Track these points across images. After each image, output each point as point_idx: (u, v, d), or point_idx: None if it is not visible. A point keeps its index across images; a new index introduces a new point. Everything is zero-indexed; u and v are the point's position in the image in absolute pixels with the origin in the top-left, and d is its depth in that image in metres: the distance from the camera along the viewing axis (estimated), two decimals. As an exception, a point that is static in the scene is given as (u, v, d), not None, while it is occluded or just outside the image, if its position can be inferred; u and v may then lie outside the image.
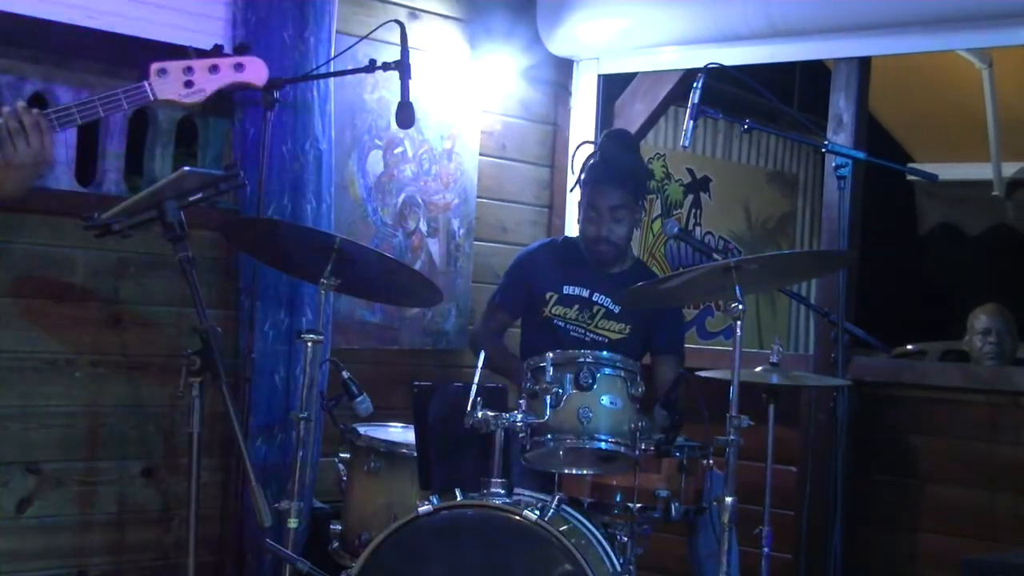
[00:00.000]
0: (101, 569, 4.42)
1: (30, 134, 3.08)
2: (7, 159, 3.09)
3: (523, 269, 4.91)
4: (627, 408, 3.90)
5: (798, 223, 10.00)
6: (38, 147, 3.10)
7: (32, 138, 3.09)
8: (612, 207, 4.67)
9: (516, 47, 5.73)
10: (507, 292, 4.92)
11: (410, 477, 3.99)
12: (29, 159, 3.09)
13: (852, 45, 5.16)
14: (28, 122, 3.08)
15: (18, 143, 3.08)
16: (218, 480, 4.68)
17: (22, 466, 4.24)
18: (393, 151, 5.28)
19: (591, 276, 4.79)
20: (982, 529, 4.88)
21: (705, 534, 4.33)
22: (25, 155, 3.09)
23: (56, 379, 4.31)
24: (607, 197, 4.67)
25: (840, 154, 4.58)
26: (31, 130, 3.08)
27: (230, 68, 3.33)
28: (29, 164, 3.10)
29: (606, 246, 4.72)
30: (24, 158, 3.09)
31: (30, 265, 4.23)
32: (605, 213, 4.68)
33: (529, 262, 4.92)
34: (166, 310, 4.52)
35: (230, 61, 3.33)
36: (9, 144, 3.08)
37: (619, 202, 4.67)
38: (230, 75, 3.32)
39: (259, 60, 3.37)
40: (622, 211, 4.68)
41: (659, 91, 5.91)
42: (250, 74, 3.36)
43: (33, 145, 3.09)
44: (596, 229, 4.70)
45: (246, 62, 3.35)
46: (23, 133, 3.08)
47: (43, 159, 3.14)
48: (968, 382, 5.03)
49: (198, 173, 3.44)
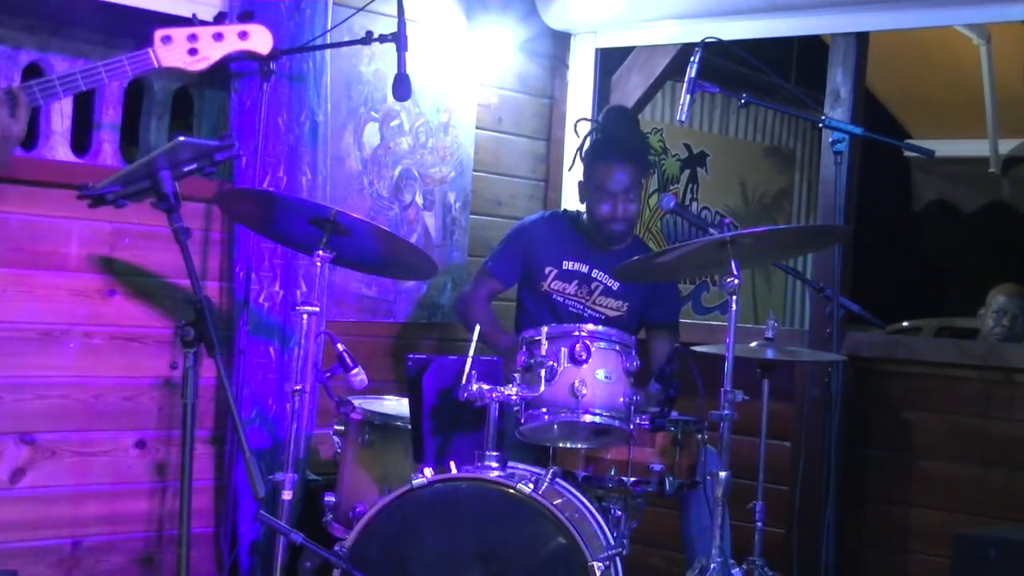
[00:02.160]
0: (94, 540, 4.43)
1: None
2: None
3: (522, 240, 4.91)
4: (622, 382, 3.90)
5: (794, 198, 9.99)
6: (7, 121, 3.05)
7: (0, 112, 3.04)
8: (625, 189, 4.68)
9: (513, 20, 5.71)
10: (501, 260, 4.91)
11: (404, 450, 3.99)
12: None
13: (850, 20, 5.14)
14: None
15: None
16: (212, 452, 4.69)
17: (16, 437, 4.24)
18: (389, 124, 5.27)
19: (590, 252, 4.79)
20: (974, 505, 4.89)
21: (698, 508, 4.34)
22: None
23: (50, 350, 4.30)
24: (619, 180, 4.68)
25: (837, 129, 4.58)
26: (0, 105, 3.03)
27: (235, 36, 3.31)
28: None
29: (622, 225, 4.73)
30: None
31: (24, 235, 4.22)
32: (619, 195, 4.68)
33: (529, 234, 4.91)
34: (160, 281, 4.51)
35: (235, 29, 3.32)
36: None
37: (630, 183, 4.68)
38: (235, 43, 3.31)
39: (264, 28, 3.36)
40: (634, 191, 4.70)
41: (656, 65, 5.89)
42: (255, 42, 3.35)
43: (1, 119, 3.04)
44: (612, 211, 4.70)
45: (251, 30, 3.33)
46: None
47: (11, 133, 3.08)
48: (962, 358, 5.03)
49: (193, 143, 3.43)
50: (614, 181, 4.68)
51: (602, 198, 4.72)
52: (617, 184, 4.68)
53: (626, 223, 4.74)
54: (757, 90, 6.68)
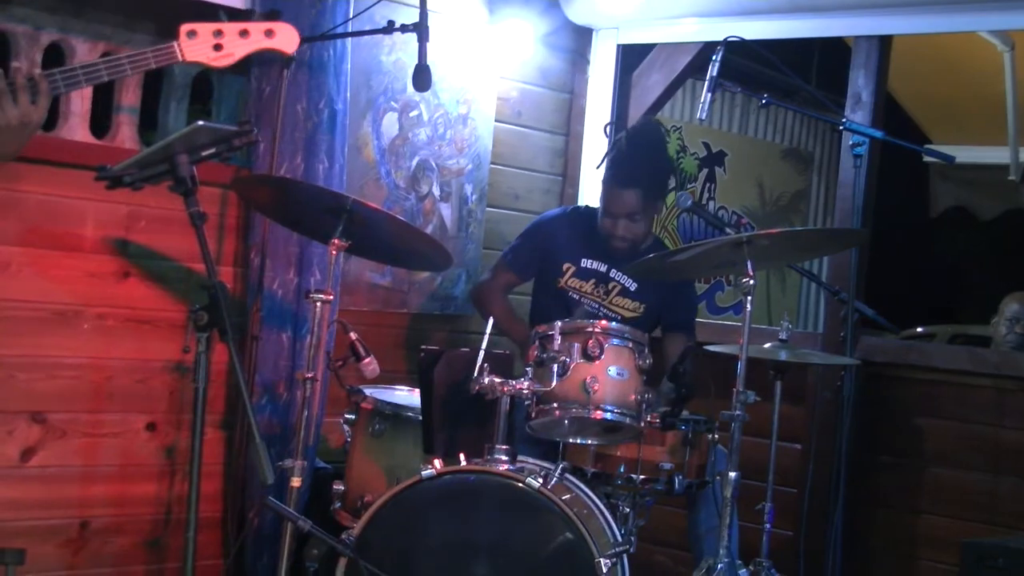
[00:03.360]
0: (102, 521, 4.43)
1: (18, 95, 3.02)
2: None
3: (541, 235, 4.90)
4: (634, 379, 3.89)
5: (811, 200, 9.98)
6: (27, 108, 3.03)
7: (20, 99, 3.03)
8: (629, 212, 4.66)
9: (535, 13, 5.70)
10: (520, 254, 4.91)
11: (414, 440, 3.99)
12: (16, 121, 3.03)
13: (874, 23, 5.13)
14: (20, 83, 3.01)
15: (4, 104, 3.01)
16: (222, 437, 4.69)
17: (27, 415, 4.24)
18: (408, 114, 5.26)
19: (610, 252, 4.77)
20: (984, 513, 4.88)
21: (706, 508, 4.34)
22: (11, 116, 3.01)
23: (63, 330, 4.31)
24: (623, 203, 4.65)
25: (858, 132, 4.56)
26: (20, 91, 3.02)
27: (261, 34, 3.30)
28: (16, 126, 3.03)
29: (620, 243, 4.72)
30: (9, 119, 3.01)
31: (41, 215, 4.22)
32: (622, 216, 4.67)
33: (548, 229, 4.91)
34: (175, 265, 4.51)
35: (261, 27, 3.31)
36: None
37: (635, 207, 4.65)
38: (260, 40, 3.30)
39: (290, 27, 3.35)
40: (639, 214, 4.67)
41: (677, 63, 5.88)
42: (280, 40, 3.34)
43: (21, 106, 3.03)
44: (613, 229, 4.69)
45: (277, 28, 3.32)
46: (10, 93, 3.01)
47: (30, 120, 3.05)
48: (975, 366, 5.01)
49: (211, 128, 3.42)
50: (620, 204, 4.67)
51: (606, 214, 4.72)
52: (622, 207, 4.67)
53: (628, 242, 4.72)
54: (777, 91, 6.68)
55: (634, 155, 4.70)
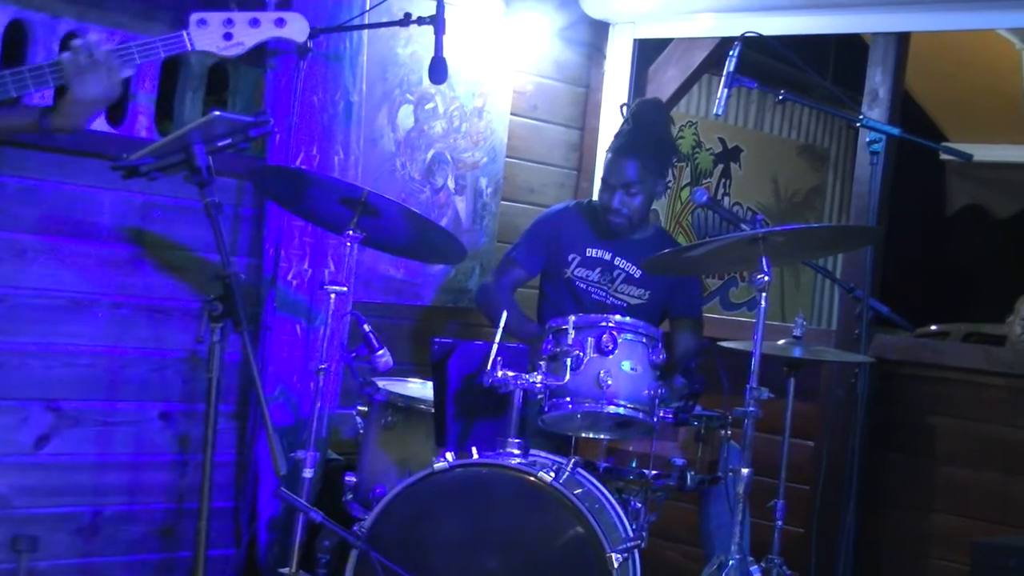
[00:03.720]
0: (115, 510, 4.45)
1: (100, 70, 3.11)
2: (74, 94, 3.13)
3: (547, 229, 4.90)
4: (647, 374, 3.89)
5: (827, 197, 9.95)
6: (106, 83, 3.13)
7: (101, 74, 3.12)
8: (625, 183, 4.66)
9: (551, 6, 5.69)
10: (527, 249, 4.91)
11: (426, 433, 3.99)
12: (97, 95, 3.13)
13: (891, 20, 5.11)
14: (99, 58, 3.11)
15: (88, 78, 3.11)
16: (234, 427, 4.70)
17: (41, 403, 4.26)
18: (424, 107, 5.26)
19: (613, 240, 4.77)
20: (996, 513, 4.87)
21: (718, 504, 4.33)
22: (96, 91, 3.12)
23: (78, 319, 4.32)
24: (622, 172, 4.66)
25: (875, 129, 4.55)
26: (102, 66, 3.11)
27: (271, 23, 3.31)
28: (99, 99, 3.15)
29: (616, 217, 4.71)
30: (91, 94, 3.12)
31: (56, 204, 4.23)
32: (618, 187, 4.67)
33: (554, 223, 4.91)
34: (190, 255, 4.52)
35: (271, 16, 3.32)
36: (77, 79, 3.11)
37: (634, 177, 4.65)
38: (270, 29, 3.31)
39: (301, 16, 3.35)
40: (636, 186, 4.66)
41: (694, 58, 5.87)
42: (291, 29, 3.34)
43: (102, 81, 3.12)
44: (609, 201, 4.70)
45: (288, 17, 3.33)
46: (95, 68, 3.11)
47: (111, 95, 3.17)
48: (989, 365, 5.00)
49: (228, 118, 3.43)
50: (617, 173, 4.67)
51: (604, 187, 4.74)
52: (619, 177, 4.67)
53: (624, 217, 4.71)
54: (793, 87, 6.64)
55: (636, 127, 4.71)
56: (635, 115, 4.77)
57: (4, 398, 4.17)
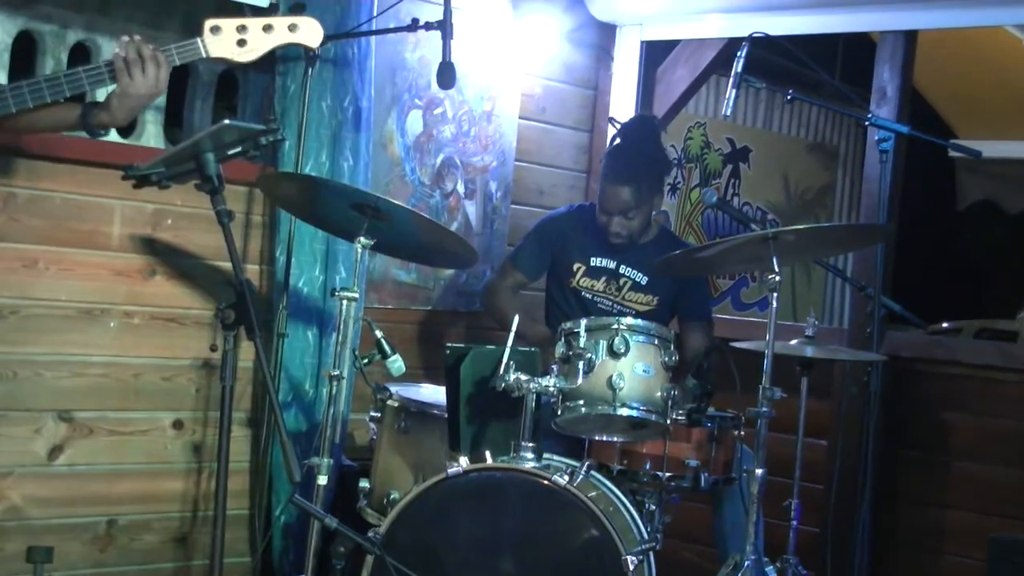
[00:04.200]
0: (130, 519, 4.45)
1: (148, 65, 3.20)
2: (124, 89, 3.21)
3: (548, 234, 4.90)
4: (659, 376, 3.88)
5: (837, 195, 9.94)
6: (154, 79, 3.22)
7: (149, 69, 3.20)
8: (622, 209, 4.66)
9: (559, 9, 5.69)
10: (527, 254, 4.91)
11: (440, 438, 3.99)
12: (145, 90, 3.22)
13: (899, 17, 5.10)
14: (147, 54, 3.19)
15: (135, 73, 3.20)
16: (248, 434, 4.70)
17: (54, 413, 4.26)
18: (433, 111, 5.26)
19: (618, 248, 4.77)
20: (1011, 508, 4.85)
21: (732, 505, 4.33)
22: (141, 86, 3.21)
23: (90, 328, 4.32)
24: (617, 200, 4.66)
25: (884, 127, 4.54)
26: (149, 61, 3.20)
27: (284, 28, 3.32)
28: (145, 95, 3.24)
29: (617, 239, 4.72)
30: (140, 88, 3.21)
31: (67, 214, 4.24)
32: (615, 213, 4.67)
33: (555, 228, 4.90)
34: (201, 263, 4.53)
35: (285, 21, 3.33)
36: (126, 74, 3.20)
37: (630, 203, 4.65)
38: (284, 35, 3.32)
39: (314, 21, 3.36)
40: (633, 211, 4.66)
41: (702, 59, 5.87)
42: (304, 35, 3.35)
43: (149, 76, 3.20)
44: (606, 223, 4.70)
45: (301, 23, 3.34)
46: (141, 64, 3.20)
47: (157, 91, 3.27)
48: (1003, 360, 4.99)
49: (238, 126, 3.43)
50: (613, 200, 4.68)
51: (601, 210, 4.74)
52: (615, 204, 4.67)
53: (623, 238, 4.72)
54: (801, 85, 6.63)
55: (627, 151, 4.71)
56: (624, 136, 4.76)
57: (17, 409, 4.18)
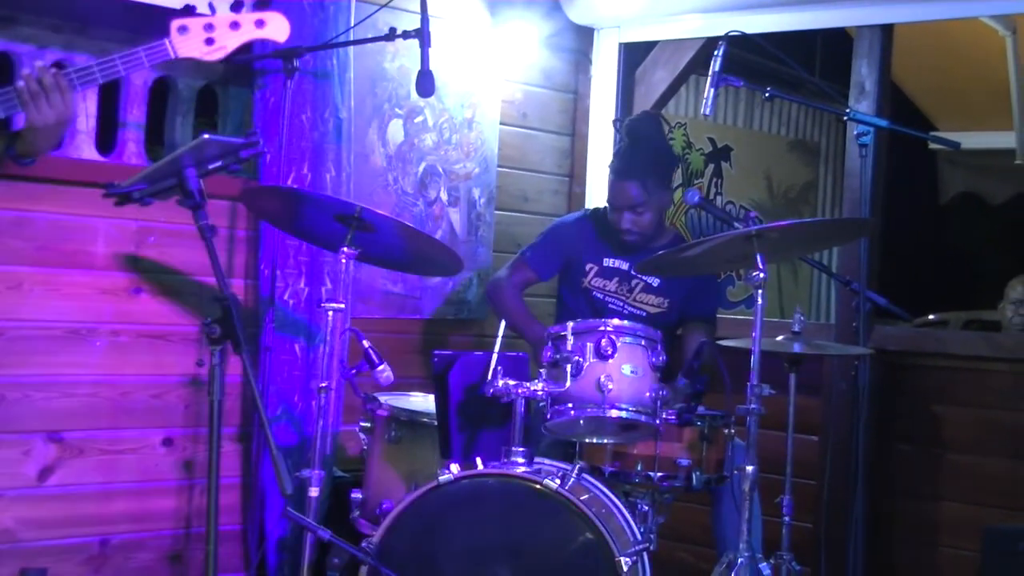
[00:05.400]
0: (123, 538, 4.44)
1: (51, 94, 3.17)
2: (32, 122, 3.19)
3: (563, 236, 4.91)
4: (648, 377, 3.88)
5: (820, 192, 9.94)
6: (60, 107, 3.19)
7: (53, 98, 3.18)
8: (631, 205, 4.67)
9: (537, 15, 5.70)
10: (541, 252, 4.91)
11: (431, 446, 3.99)
12: (53, 119, 3.19)
13: (875, 12, 5.12)
14: (48, 83, 3.16)
15: (41, 105, 3.17)
16: (239, 449, 4.70)
17: (44, 435, 4.26)
18: (414, 120, 5.27)
19: (627, 247, 4.77)
20: (1004, 498, 4.86)
21: (728, 504, 4.32)
22: (48, 116, 3.18)
23: (77, 348, 4.32)
24: (626, 195, 4.68)
25: (862, 122, 4.55)
26: (51, 90, 3.17)
27: (251, 24, 3.32)
28: (53, 124, 3.20)
29: (629, 236, 4.74)
30: (48, 119, 3.19)
31: (51, 234, 4.24)
32: (624, 209, 4.68)
33: (571, 231, 4.91)
34: (186, 279, 4.52)
35: (251, 17, 3.33)
36: (32, 107, 3.17)
37: (639, 198, 4.66)
38: (251, 31, 3.33)
39: (280, 15, 3.36)
40: (642, 205, 4.68)
41: (680, 59, 5.87)
42: (271, 30, 3.35)
43: (55, 105, 3.18)
44: (618, 222, 4.71)
45: (267, 18, 3.34)
46: (44, 94, 3.17)
47: (66, 118, 3.23)
48: (991, 351, 5.00)
49: (218, 140, 3.43)
50: (621, 196, 4.69)
51: (611, 208, 4.76)
52: (623, 199, 4.69)
53: (637, 235, 4.73)
54: (781, 83, 6.67)
55: (632, 147, 4.72)
56: (630, 133, 4.78)
57: (6, 431, 4.17)
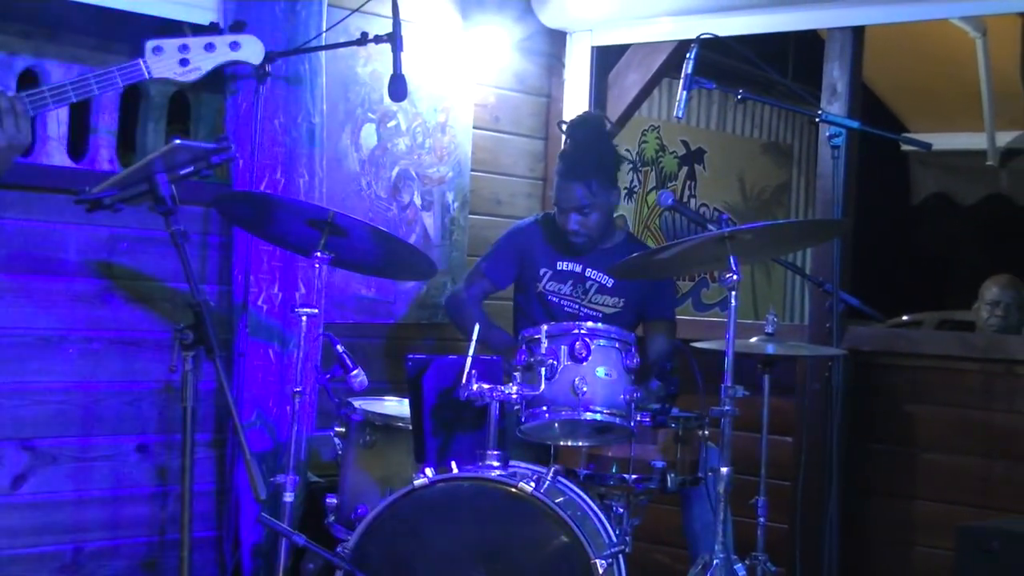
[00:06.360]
0: (96, 545, 4.43)
1: (4, 118, 3.08)
2: None
3: (516, 242, 4.90)
4: (622, 379, 3.89)
5: (793, 193, 9.98)
6: (11, 131, 3.09)
7: (6, 122, 3.09)
8: (577, 206, 4.66)
9: (509, 19, 5.71)
10: (496, 261, 4.90)
11: (406, 450, 3.98)
12: (5, 142, 3.09)
13: (846, 14, 5.14)
14: (3, 106, 3.08)
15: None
16: (213, 455, 4.68)
17: (16, 443, 4.23)
18: (386, 124, 5.26)
19: (577, 249, 4.77)
20: (977, 497, 4.89)
21: (701, 505, 4.33)
22: (1, 138, 3.08)
23: (49, 356, 4.30)
24: (571, 196, 4.65)
25: (834, 124, 4.57)
26: (6, 115, 3.08)
27: (226, 46, 3.32)
28: (5, 147, 3.10)
29: (576, 238, 4.72)
30: (0, 141, 3.08)
31: (22, 241, 4.22)
32: (570, 210, 4.67)
33: (523, 236, 4.90)
34: (159, 285, 4.51)
35: (226, 39, 3.33)
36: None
37: (584, 200, 4.64)
38: (226, 53, 3.32)
39: (255, 38, 3.36)
40: (588, 207, 4.66)
41: (653, 62, 5.89)
42: (246, 52, 3.35)
43: (7, 129, 3.09)
44: (564, 223, 4.70)
45: (242, 40, 3.34)
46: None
47: (18, 143, 3.13)
48: (963, 351, 5.03)
49: (189, 146, 3.42)
50: (567, 197, 4.67)
51: (558, 210, 4.74)
52: (569, 201, 4.66)
53: (584, 236, 4.71)
54: (754, 85, 6.68)
55: (575, 149, 4.71)
56: (572, 135, 4.76)
57: (-22, 440, 4.15)
